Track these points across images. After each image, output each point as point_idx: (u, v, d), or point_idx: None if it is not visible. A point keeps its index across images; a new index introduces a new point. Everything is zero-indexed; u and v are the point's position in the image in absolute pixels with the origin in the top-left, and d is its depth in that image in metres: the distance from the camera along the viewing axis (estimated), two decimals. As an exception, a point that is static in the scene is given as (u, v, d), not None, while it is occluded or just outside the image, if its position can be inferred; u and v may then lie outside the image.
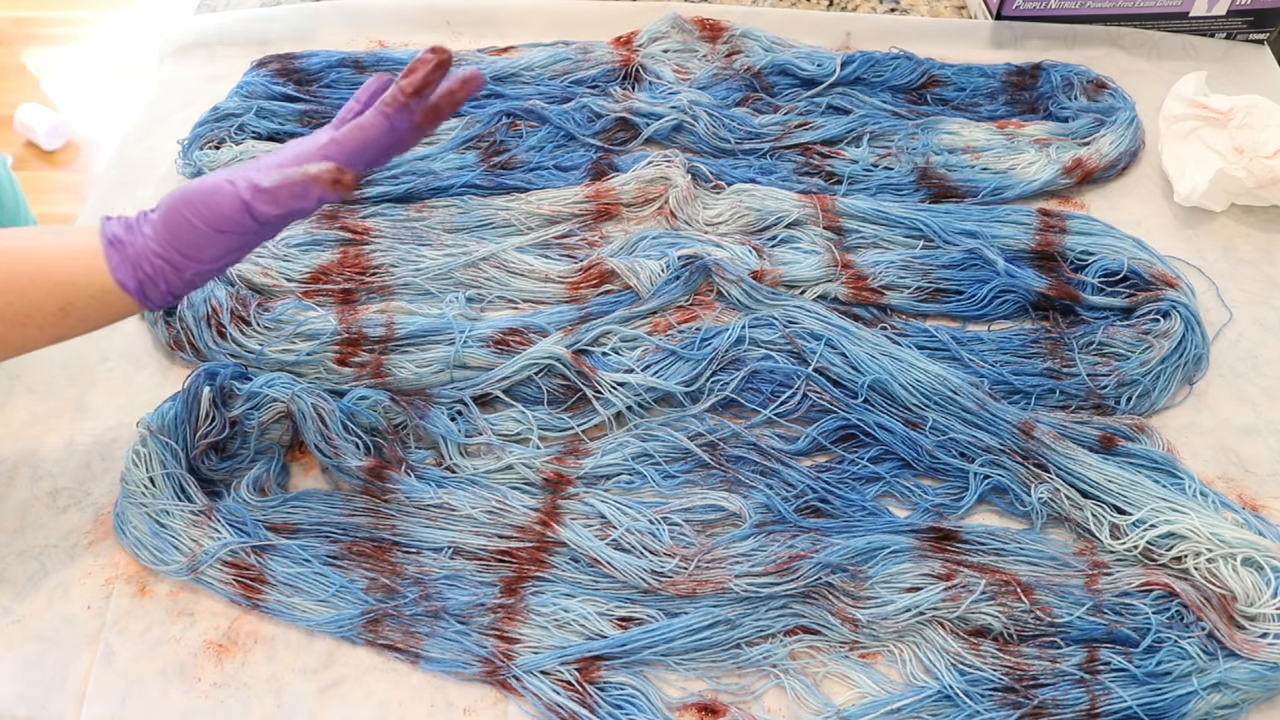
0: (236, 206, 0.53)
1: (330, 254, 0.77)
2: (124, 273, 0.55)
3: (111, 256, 0.55)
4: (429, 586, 0.61)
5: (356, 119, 0.55)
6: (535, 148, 0.85)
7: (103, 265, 0.55)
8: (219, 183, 0.53)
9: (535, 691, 0.58)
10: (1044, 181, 0.82)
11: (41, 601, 0.62)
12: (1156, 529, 0.62)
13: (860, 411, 0.68)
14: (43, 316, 0.56)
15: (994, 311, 0.75)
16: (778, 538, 0.62)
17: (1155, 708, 0.57)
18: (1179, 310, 0.72)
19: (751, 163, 0.85)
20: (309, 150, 0.55)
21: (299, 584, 0.61)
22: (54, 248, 0.56)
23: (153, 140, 0.88)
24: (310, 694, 0.59)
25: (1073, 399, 0.70)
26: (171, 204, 0.54)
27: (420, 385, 0.70)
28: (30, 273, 0.55)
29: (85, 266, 0.55)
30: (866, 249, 0.78)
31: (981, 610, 0.60)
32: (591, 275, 0.76)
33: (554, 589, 0.62)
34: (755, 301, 0.73)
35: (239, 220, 0.53)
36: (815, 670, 0.60)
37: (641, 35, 0.93)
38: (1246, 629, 0.59)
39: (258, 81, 0.88)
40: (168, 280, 0.55)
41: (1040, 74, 0.91)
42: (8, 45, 2.26)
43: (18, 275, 0.55)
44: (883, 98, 0.89)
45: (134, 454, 0.64)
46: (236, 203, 0.53)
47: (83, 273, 0.55)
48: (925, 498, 0.66)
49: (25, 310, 0.56)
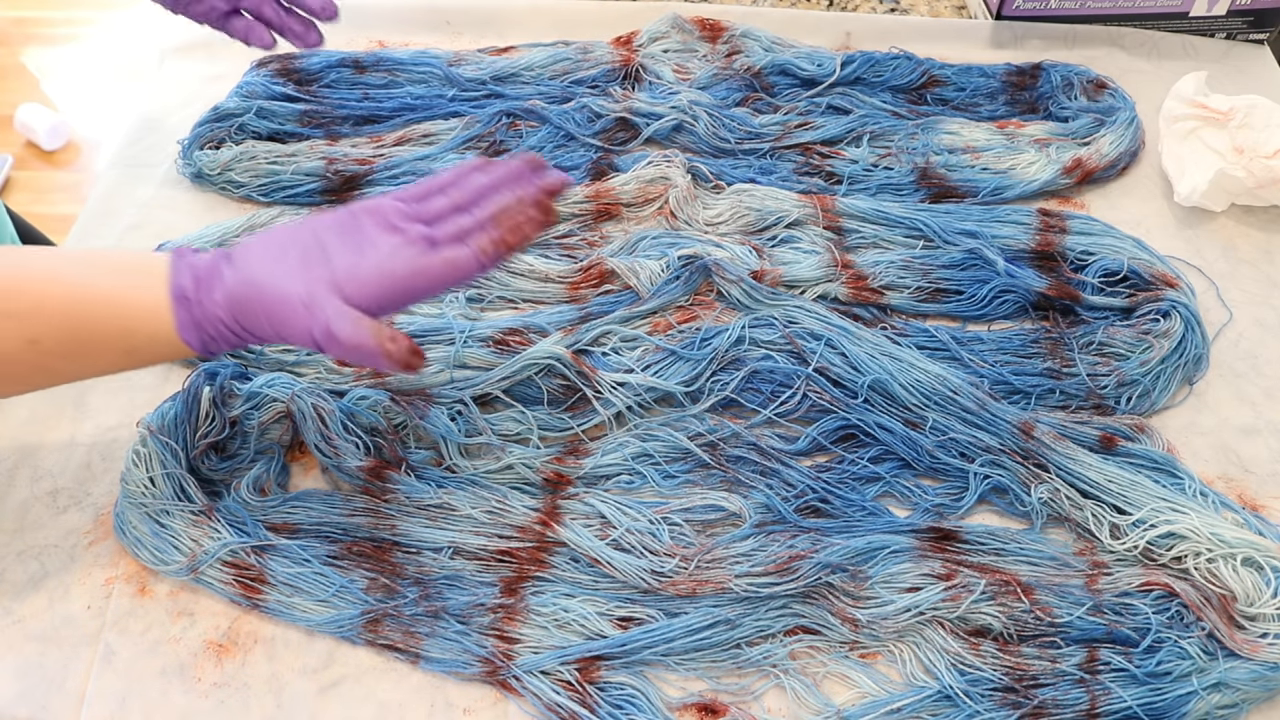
0: (304, 335, 0.52)
1: (330, 254, 0.77)
2: (189, 332, 0.53)
3: (178, 313, 0.53)
4: (429, 586, 0.61)
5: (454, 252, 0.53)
6: (535, 148, 0.85)
7: (168, 320, 0.53)
8: (295, 301, 0.52)
9: (535, 691, 0.58)
10: (1044, 181, 0.82)
11: (41, 601, 0.62)
12: (1156, 529, 0.62)
13: (860, 411, 0.68)
14: (110, 359, 0.55)
15: (994, 311, 0.75)
16: (778, 538, 0.62)
17: (1155, 708, 0.57)
18: (1179, 310, 0.72)
19: (751, 163, 0.85)
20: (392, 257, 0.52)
21: (299, 584, 0.61)
22: (121, 293, 0.53)
23: (153, 140, 0.88)
24: (310, 694, 0.59)
25: (1073, 399, 0.70)
26: (245, 292, 0.52)
27: (420, 385, 0.70)
28: (97, 318, 0.53)
29: (151, 316, 0.53)
30: (866, 249, 0.78)
31: (981, 610, 0.60)
32: (591, 275, 0.76)
33: (554, 589, 0.62)
34: (755, 301, 0.73)
35: (303, 342, 0.52)
36: (815, 670, 0.60)
37: (641, 35, 0.93)
38: (1246, 629, 0.59)
39: (258, 81, 0.88)
40: (232, 344, 0.54)
41: (1040, 74, 0.91)
42: (8, 45, 2.26)
43: (86, 322, 0.53)
44: (883, 98, 0.89)
45: (134, 454, 0.64)
46: (305, 333, 0.52)
47: (148, 321, 0.53)
48: (925, 498, 0.66)
49: (93, 354, 0.54)
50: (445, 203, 0.55)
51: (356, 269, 0.52)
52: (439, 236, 0.54)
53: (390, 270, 0.52)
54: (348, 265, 0.52)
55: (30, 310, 0.52)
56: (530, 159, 0.56)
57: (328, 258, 0.53)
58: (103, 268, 0.55)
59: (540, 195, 0.55)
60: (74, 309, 0.53)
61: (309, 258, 0.53)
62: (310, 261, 0.53)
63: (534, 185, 0.55)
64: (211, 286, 0.53)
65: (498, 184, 0.55)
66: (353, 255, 0.53)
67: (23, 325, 0.52)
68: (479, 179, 0.56)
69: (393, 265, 0.52)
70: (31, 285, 0.53)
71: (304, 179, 0.81)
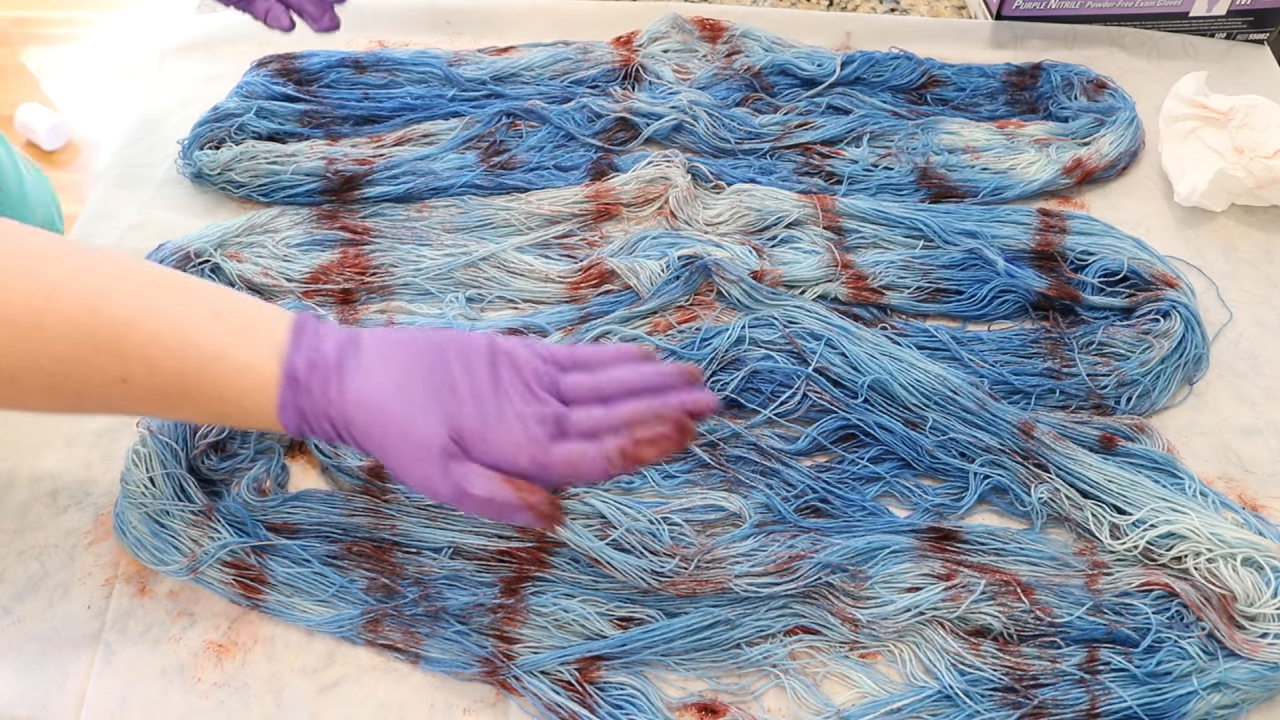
0: (425, 480, 0.48)
1: (330, 254, 0.77)
2: (290, 415, 0.49)
3: (283, 394, 0.48)
4: (429, 586, 0.61)
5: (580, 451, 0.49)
6: (535, 148, 0.85)
7: (271, 396, 0.48)
8: (430, 449, 0.47)
9: (535, 691, 0.58)
10: (1044, 181, 0.82)
11: (41, 601, 0.62)
12: (1156, 529, 0.62)
13: (860, 411, 0.68)
14: (193, 412, 0.52)
15: (994, 311, 0.75)
16: (778, 538, 0.62)
17: (1155, 708, 0.57)
18: (1179, 310, 0.72)
19: (751, 163, 0.85)
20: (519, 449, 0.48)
21: (299, 584, 0.61)
22: (228, 351, 0.48)
23: (153, 140, 0.88)
24: (310, 694, 0.59)
25: (1073, 399, 0.70)
26: (367, 416, 0.48)
27: (420, 385, 0.70)
28: (198, 372, 0.48)
29: (254, 388, 0.48)
30: (866, 249, 0.78)
31: (981, 610, 0.60)
32: (591, 275, 0.76)
33: (554, 589, 0.62)
34: (755, 301, 0.73)
35: (416, 482, 0.49)
36: (815, 670, 0.60)
37: (641, 35, 0.93)
38: (1246, 629, 0.59)
39: (258, 81, 0.88)
40: (330, 440, 0.50)
41: (1040, 74, 0.91)
42: (8, 45, 2.26)
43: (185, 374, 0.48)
44: (883, 98, 0.89)
45: (134, 454, 0.64)
46: (427, 479, 0.48)
47: (250, 392, 0.49)
48: (925, 498, 0.66)
49: (179, 405, 0.50)
50: (588, 385, 0.51)
51: (485, 440, 0.48)
52: (571, 424, 0.50)
53: (513, 459, 0.49)
54: (476, 429, 0.48)
55: (134, 352, 0.48)
56: (687, 370, 0.51)
57: (458, 402, 0.49)
58: (219, 315, 0.49)
59: (684, 415, 0.50)
60: (178, 360, 0.48)
61: (441, 397, 0.49)
62: (443, 402, 0.49)
63: (680, 401, 0.50)
64: (328, 383, 0.48)
65: (646, 385, 0.51)
66: (484, 417, 0.49)
67: (123, 365, 0.48)
68: (628, 372, 0.52)
69: (516, 456, 0.48)
70: (145, 322, 0.48)
71: (304, 179, 0.81)
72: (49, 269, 0.48)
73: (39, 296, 0.46)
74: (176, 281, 0.51)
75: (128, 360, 0.47)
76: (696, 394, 0.51)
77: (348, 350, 0.49)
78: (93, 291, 0.47)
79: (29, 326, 0.46)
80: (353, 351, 0.49)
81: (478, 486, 0.48)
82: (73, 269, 0.48)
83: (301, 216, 0.80)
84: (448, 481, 0.48)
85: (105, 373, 0.48)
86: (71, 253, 0.49)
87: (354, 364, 0.49)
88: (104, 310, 0.47)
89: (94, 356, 0.47)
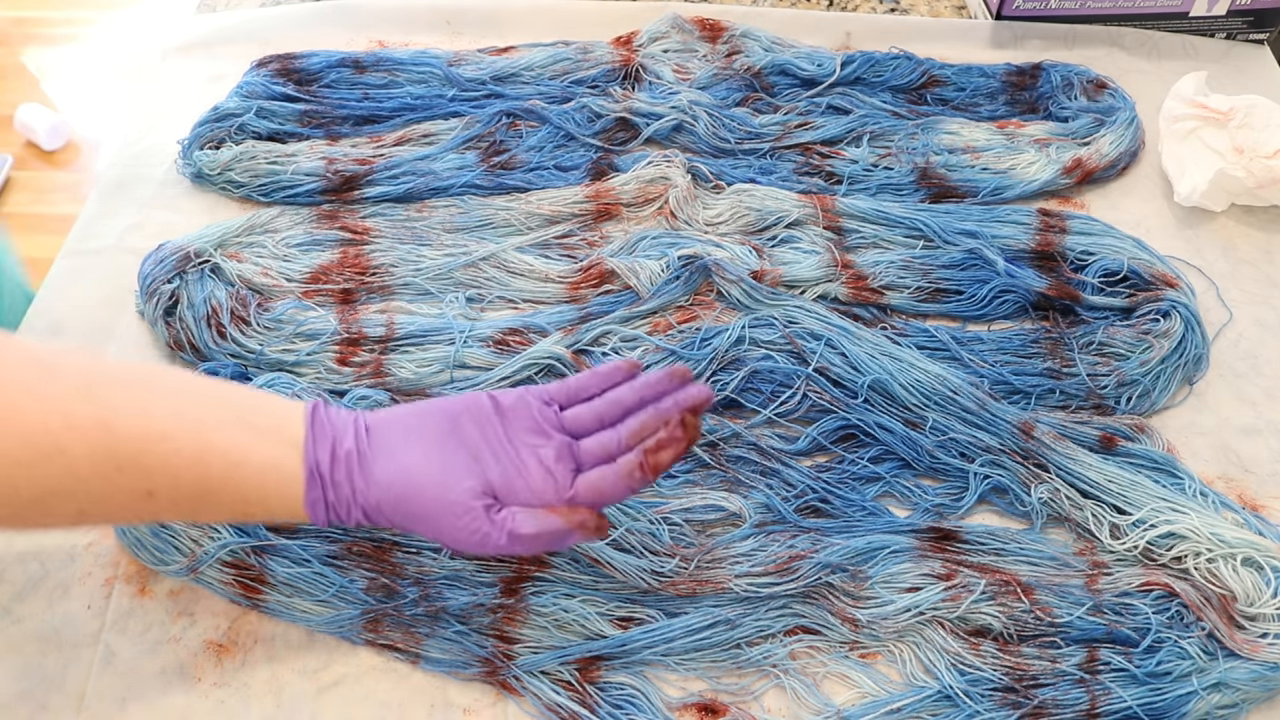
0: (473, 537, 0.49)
1: (330, 254, 0.77)
2: (317, 509, 0.49)
3: (310, 490, 0.49)
4: (429, 586, 0.61)
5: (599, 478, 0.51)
6: (535, 148, 0.85)
7: (297, 493, 0.49)
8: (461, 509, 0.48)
9: (535, 691, 0.58)
10: (1044, 181, 0.82)
11: (41, 601, 0.62)
12: (1156, 529, 0.62)
13: (860, 411, 0.68)
14: (216, 515, 0.53)
15: (994, 311, 0.75)
16: (778, 538, 0.62)
17: (1155, 708, 0.57)
18: (1179, 310, 0.72)
19: (751, 163, 0.85)
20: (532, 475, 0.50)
21: (299, 584, 0.61)
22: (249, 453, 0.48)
23: (153, 140, 0.87)
24: (310, 694, 0.59)
25: (1073, 399, 0.70)
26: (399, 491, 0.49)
27: (420, 385, 0.70)
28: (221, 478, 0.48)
29: (278, 487, 0.49)
30: (866, 249, 0.78)
31: (981, 610, 0.60)
32: (591, 275, 0.76)
33: (554, 589, 0.62)
34: (755, 301, 0.73)
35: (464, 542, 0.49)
36: (815, 670, 0.60)
37: (641, 35, 0.93)
38: (1246, 629, 0.59)
39: (258, 81, 0.88)
40: (359, 525, 0.51)
41: (1040, 74, 0.91)
42: (8, 45, 2.26)
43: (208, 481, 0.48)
44: (883, 98, 0.89)
45: (134, 454, 0.64)
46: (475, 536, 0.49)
47: (274, 491, 0.49)
48: (925, 498, 0.66)
49: (202, 510, 0.51)
50: (590, 414, 0.53)
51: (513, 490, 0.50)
52: (585, 454, 0.52)
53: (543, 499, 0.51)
54: (503, 480, 0.50)
55: (157, 465, 0.47)
56: (675, 372, 0.53)
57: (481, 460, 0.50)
58: (238, 419, 0.49)
59: (684, 414, 0.51)
60: (202, 467, 0.48)
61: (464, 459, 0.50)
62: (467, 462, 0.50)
63: (676, 403, 0.52)
64: (352, 473, 0.49)
65: (642, 398, 0.53)
66: (506, 468, 0.50)
67: (148, 479, 0.48)
68: (622, 392, 0.54)
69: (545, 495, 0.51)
70: (165, 434, 0.48)
71: (304, 179, 0.81)
72: (59, 388, 0.47)
73: (55, 418, 0.46)
74: (187, 385, 0.51)
75: (152, 474, 0.47)
76: (690, 391, 0.53)
77: (363, 437, 0.50)
78: (107, 407, 0.47)
79: (49, 451, 0.46)
80: (369, 437, 0.51)
81: (526, 525, 0.49)
82: (82, 385, 0.47)
83: (301, 216, 0.80)
84: (497, 530, 0.49)
85: (130, 489, 0.48)
86: (76, 366, 0.48)
87: (374, 450, 0.50)
88: (120, 426, 0.47)
89: (117, 475, 0.47)
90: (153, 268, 0.74)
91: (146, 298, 0.73)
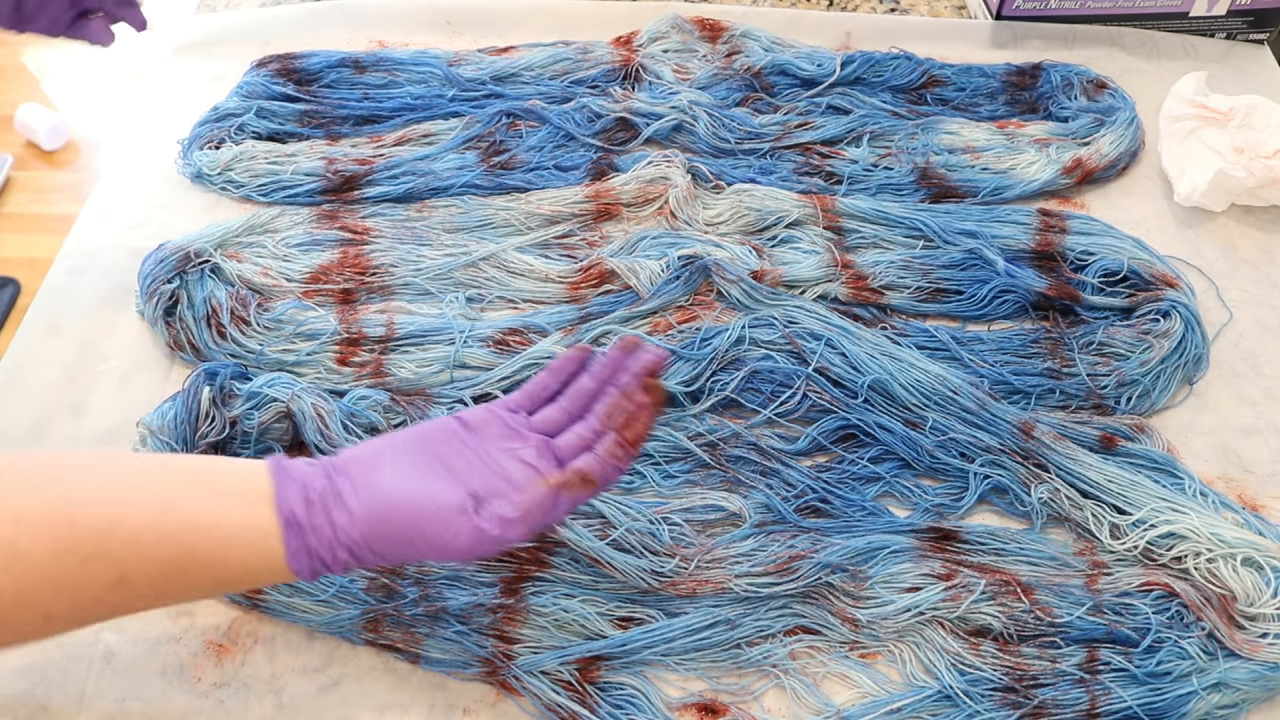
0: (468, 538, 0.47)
1: (330, 254, 0.77)
2: (300, 560, 0.47)
3: (289, 541, 0.46)
4: (429, 586, 0.61)
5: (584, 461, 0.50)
6: (535, 148, 0.85)
7: (277, 548, 0.46)
8: (455, 506, 0.47)
9: (535, 691, 0.58)
10: (1044, 181, 0.82)
11: (41, 601, 0.62)
12: (1156, 529, 0.62)
13: (860, 411, 0.68)
14: (195, 592, 0.50)
15: (994, 311, 0.75)
16: (778, 538, 0.62)
17: (1155, 708, 0.57)
18: (1179, 310, 0.72)
19: (751, 163, 0.85)
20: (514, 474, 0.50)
21: (299, 584, 0.61)
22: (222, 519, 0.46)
23: (153, 140, 0.88)
24: (310, 694, 0.59)
25: (1073, 399, 0.70)
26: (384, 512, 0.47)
27: (420, 385, 0.70)
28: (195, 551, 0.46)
29: (256, 547, 0.46)
30: (866, 249, 0.78)
31: (981, 610, 0.60)
32: (591, 275, 0.76)
33: (554, 589, 0.61)
34: (755, 301, 0.73)
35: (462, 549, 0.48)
36: (815, 670, 0.60)
37: (641, 35, 0.93)
38: (1246, 629, 0.59)
39: (258, 81, 0.88)
40: (345, 569, 0.48)
41: (1040, 74, 0.91)
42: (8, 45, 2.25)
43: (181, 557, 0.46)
44: (883, 98, 0.89)
45: (134, 454, 0.64)
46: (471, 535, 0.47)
47: (252, 553, 0.46)
48: (925, 498, 0.66)
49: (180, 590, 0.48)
50: (558, 411, 0.53)
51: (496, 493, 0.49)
52: (563, 448, 0.52)
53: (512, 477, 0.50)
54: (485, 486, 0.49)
55: (122, 551, 0.45)
56: (624, 344, 0.53)
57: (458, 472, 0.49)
58: (201, 485, 0.47)
59: (643, 379, 0.51)
60: (173, 541, 0.45)
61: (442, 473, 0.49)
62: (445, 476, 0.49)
63: (633, 376, 0.52)
64: (329, 509, 0.47)
65: (601, 381, 0.53)
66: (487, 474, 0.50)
67: (115, 566, 0.45)
68: (582, 382, 0.54)
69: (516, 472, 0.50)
70: (126, 515, 0.45)
71: (304, 179, 0.81)
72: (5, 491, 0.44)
73: (6, 522, 0.43)
74: (145, 464, 0.49)
75: (119, 560, 0.45)
76: (643, 358, 0.52)
77: (334, 477, 0.48)
78: (61, 500, 0.44)
79: (7, 557, 0.43)
80: (339, 476, 0.48)
81: (511, 508, 0.48)
82: (35, 482, 0.45)
83: (301, 216, 0.80)
84: (489, 522, 0.48)
85: (98, 580, 0.45)
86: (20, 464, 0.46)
87: (348, 485, 0.48)
88: (79, 517, 0.44)
89: (82, 567, 0.44)
90: (153, 268, 0.74)
91: (146, 298, 0.73)
